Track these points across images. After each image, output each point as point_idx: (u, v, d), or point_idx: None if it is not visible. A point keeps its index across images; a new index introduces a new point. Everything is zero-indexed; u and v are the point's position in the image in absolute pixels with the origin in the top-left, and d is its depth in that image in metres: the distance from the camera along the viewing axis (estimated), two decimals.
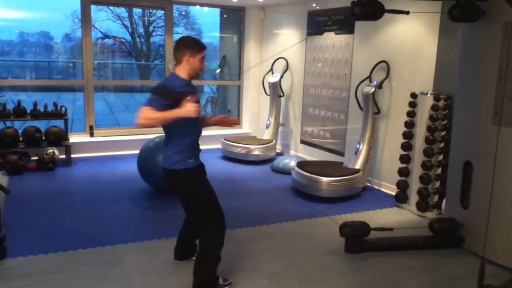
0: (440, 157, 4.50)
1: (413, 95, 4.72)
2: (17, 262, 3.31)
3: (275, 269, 3.34)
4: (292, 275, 3.27)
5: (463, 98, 3.87)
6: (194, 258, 3.26)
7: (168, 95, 2.71)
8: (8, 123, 6.27)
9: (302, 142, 6.88)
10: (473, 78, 3.72)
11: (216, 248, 2.95)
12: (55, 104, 6.29)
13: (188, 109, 2.62)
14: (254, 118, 7.97)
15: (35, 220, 4.16)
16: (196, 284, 2.95)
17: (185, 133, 2.87)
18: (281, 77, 6.87)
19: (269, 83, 6.93)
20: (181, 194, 2.99)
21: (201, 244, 2.97)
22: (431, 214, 4.53)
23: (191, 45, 2.89)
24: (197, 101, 2.99)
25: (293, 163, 5.70)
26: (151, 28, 14.85)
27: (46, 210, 4.43)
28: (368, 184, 5.49)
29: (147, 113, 2.62)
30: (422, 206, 4.55)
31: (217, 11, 8.59)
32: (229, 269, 3.23)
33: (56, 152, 6.07)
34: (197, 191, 2.93)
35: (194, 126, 2.93)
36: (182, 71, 2.88)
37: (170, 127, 2.82)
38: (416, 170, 4.61)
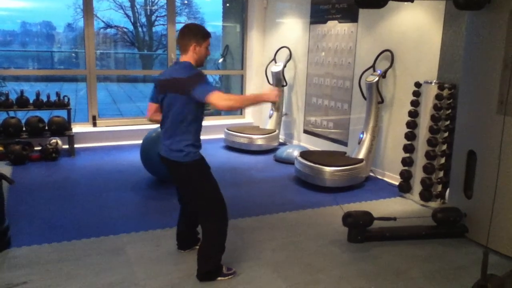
0: (444, 147, 4.48)
1: (417, 84, 4.69)
2: (22, 252, 3.33)
3: (278, 259, 3.35)
4: (295, 265, 3.27)
5: (467, 87, 3.83)
6: (197, 247, 3.27)
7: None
8: (11, 113, 6.28)
9: (305, 131, 6.86)
10: (478, 67, 3.68)
11: (219, 238, 2.95)
12: (57, 94, 6.28)
13: (274, 94, 2.85)
14: (257, 108, 7.93)
15: (39, 210, 4.17)
16: (200, 273, 2.96)
17: (196, 126, 2.85)
18: (284, 66, 6.83)
19: (272, 72, 6.89)
20: (185, 185, 2.98)
21: (204, 234, 2.97)
22: (434, 204, 4.52)
23: (197, 32, 2.85)
24: None
25: (296, 153, 5.68)
26: (153, 18, 14.76)
27: (50, 200, 4.45)
28: (371, 174, 5.48)
29: (227, 95, 2.71)
30: (426, 196, 4.53)
31: (219, 0, 8.53)
32: (232, 259, 3.23)
33: (59, 142, 6.07)
34: (202, 182, 2.91)
35: (202, 118, 2.93)
36: (189, 59, 2.84)
37: (183, 118, 2.80)
38: (420, 160, 4.59)
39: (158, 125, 3.05)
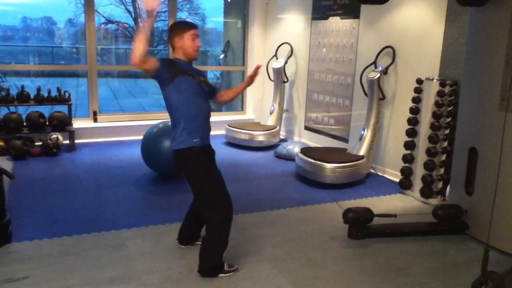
0: (445, 144, 4.48)
1: (419, 81, 4.68)
2: (22, 246, 3.33)
3: (278, 254, 3.35)
4: (295, 260, 3.27)
5: (469, 84, 3.83)
6: (198, 243, 3.28)
7: (172, 65, 2.81)
8: (12, 109, 6.27)
9: (306, 128, 6.86)
10: (480, 64, 3.67)
11: (223, 234, 2.95)
12: (58, 90, 6.28)
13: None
14: (258, 104, 7.94)
15: (40, 204, 4.18)
16: (202, 269, 2.96)
17: (193, 115, 2.85)
18: (286, 62, 6.82)
19: (273, 68, 6.88)
20: (188, 176, 2.96)
21: (208, 229, 2.97)
22: (435, 201, 4.52)
23: (176, 27, 2.93)
24: (205, 82, 3.03)
25: (297, 149, 5.68)
26: (154, 13, 14.70)
27: (51, 194, 4.45)
28: (372, 171, 5.47)
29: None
30: (426, 192, 4.53)
31: None
32: (233, 254, 3.24)
33: (60, 137, 6.07)
34: (204, 173, 2.91)
35: (202, 107, 2.93)
36: (179, 55, 2.92)
37: (171, 109, 2.84)
38: (421, 157, 4.58)
39: (159, 121, 3.09)
